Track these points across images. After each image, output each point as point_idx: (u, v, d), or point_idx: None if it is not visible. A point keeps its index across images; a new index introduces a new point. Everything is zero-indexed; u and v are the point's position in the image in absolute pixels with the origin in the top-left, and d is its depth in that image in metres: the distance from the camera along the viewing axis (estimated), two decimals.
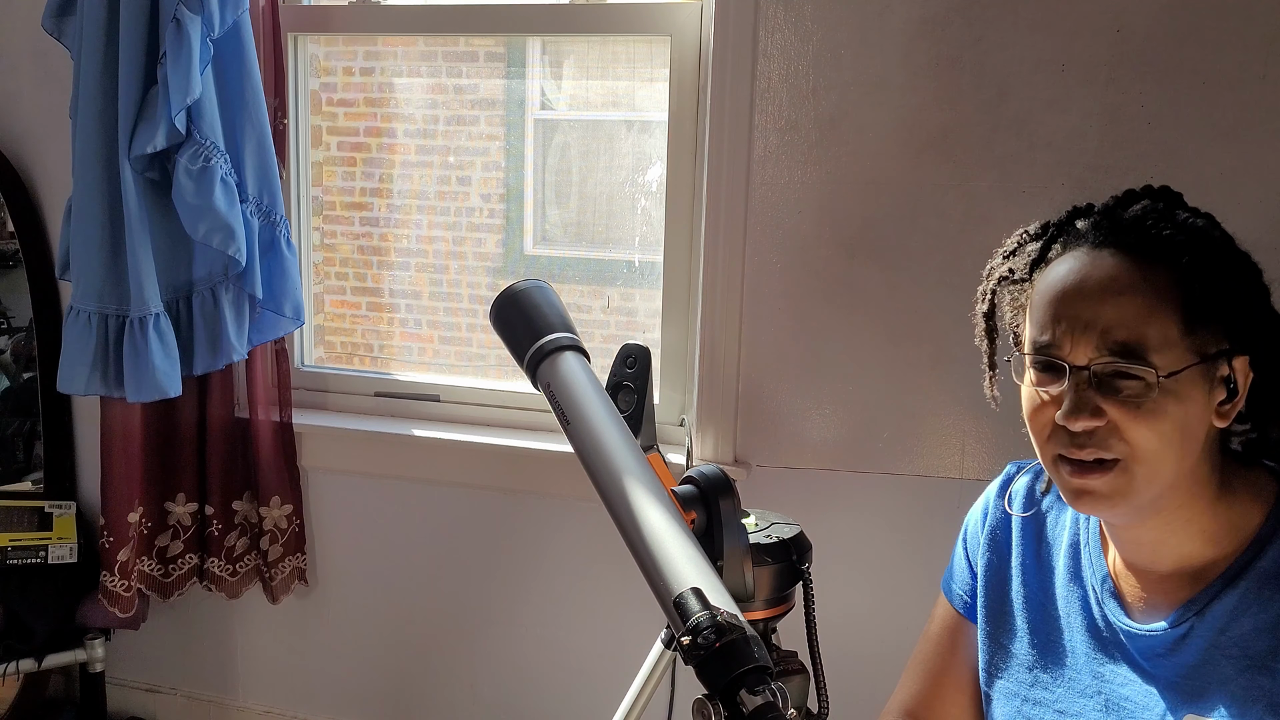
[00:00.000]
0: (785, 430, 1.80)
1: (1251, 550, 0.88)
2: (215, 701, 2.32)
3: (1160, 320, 0.85)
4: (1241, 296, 0.88)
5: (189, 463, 2.08)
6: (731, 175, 1.74)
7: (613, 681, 1.27)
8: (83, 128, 1.81)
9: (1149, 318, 0.84)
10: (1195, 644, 0.89)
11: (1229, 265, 0.89)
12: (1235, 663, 0.86)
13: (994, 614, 1.07)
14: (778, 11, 1.68)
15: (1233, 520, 0.90)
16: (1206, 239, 0.89)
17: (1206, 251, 0.87)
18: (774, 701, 0.65)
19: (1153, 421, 0.85)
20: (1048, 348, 0.88)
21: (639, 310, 2.10)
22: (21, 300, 2.19)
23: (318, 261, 2.21)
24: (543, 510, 2.01)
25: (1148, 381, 0.84)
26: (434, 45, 2.13)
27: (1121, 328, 0.85)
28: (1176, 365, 0.84)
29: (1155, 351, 0.84)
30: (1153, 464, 0.86)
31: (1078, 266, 0.89)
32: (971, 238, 1.67)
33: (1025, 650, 1.03)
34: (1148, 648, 0.92)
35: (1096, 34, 1.57)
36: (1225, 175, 1.56)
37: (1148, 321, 0.84)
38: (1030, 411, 0.92)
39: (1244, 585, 0.87)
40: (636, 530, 0.80)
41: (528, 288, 1.02)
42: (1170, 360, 0.84)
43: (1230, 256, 0.90)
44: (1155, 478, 0.86)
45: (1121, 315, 0.85)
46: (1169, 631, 0.90)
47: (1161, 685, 0.91)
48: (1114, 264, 0.87)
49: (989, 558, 1.08)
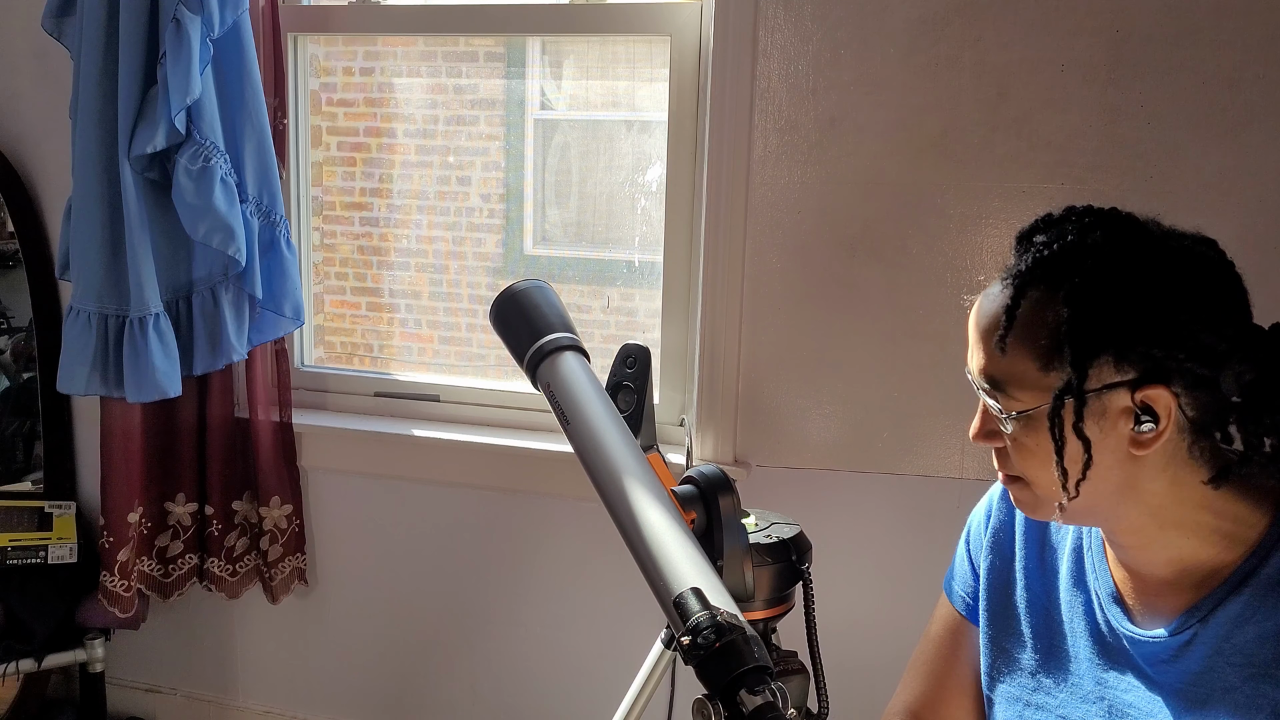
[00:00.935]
0: (785, 430, 1.80)
1: (1256, 557, 0.87)
2: (215, 701, 2.32)
3: (1020, 359, 0.86)
4: (1144, 326, 0.82)
5: (189, 463, 2.08)
6: (731, 175, 1.74)
7: (613, 681, 1.27)
8: (83, 128, 1.81)
9: (1009, 356, 0.86)
10: (1198, 651, 0.88)
11: (1123, 296, 0.83)
12: (1239, 671, 0.85)
13: (997, 618, 1.06)
14: (778, 11, 1.68)
15: (1236, 526, 0.89)
16: (1106, 273, 0.84)
17: (1098, 286, 0.83)
18: (774, 701, 0.65)
19: (1023, 450, 0.88)
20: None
21: (639, 310, 2.10)
22: (21, 300, 2.19)
23: (318, 261, 2.21)
24: (543, 510, 2.01)
25: (1003, 415, 0.88)
26: (434, 45, 2.13)
27: (988, 361, 0.88)
28: (1030, 405, 0.86)
29: (1013, 387, 0.87)
30: (1046, 486, 0.89)
31: (984, 292, 0.92)
32: (971, 238, 1.67)
33: (1028, 655, 1.03)
34: (1151, 654, 0.91)
35: (1096, 34, 1.57)
36: (1225, 175, 1.56)
37: (1005, 359, 0.86)
38: None
39: (1248, 592, 0.86)
40: (636, 530, 0.80)
41: (527, 288, 1.02)
42: (1026, 399, 0.86)
43: (1138, 284, 0.83)
44: (1057, 496, 0.88)
45: (987, 349, 0.88)
46: (1172, 638, 0.89)
47: (1165, 692, 0.91)
48: (999, 293, 0.88)
49: (992, 560, 1.07)
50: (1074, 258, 0.85)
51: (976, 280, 1.67)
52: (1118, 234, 0.87)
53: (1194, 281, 0.84)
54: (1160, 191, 1.58)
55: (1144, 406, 0.83)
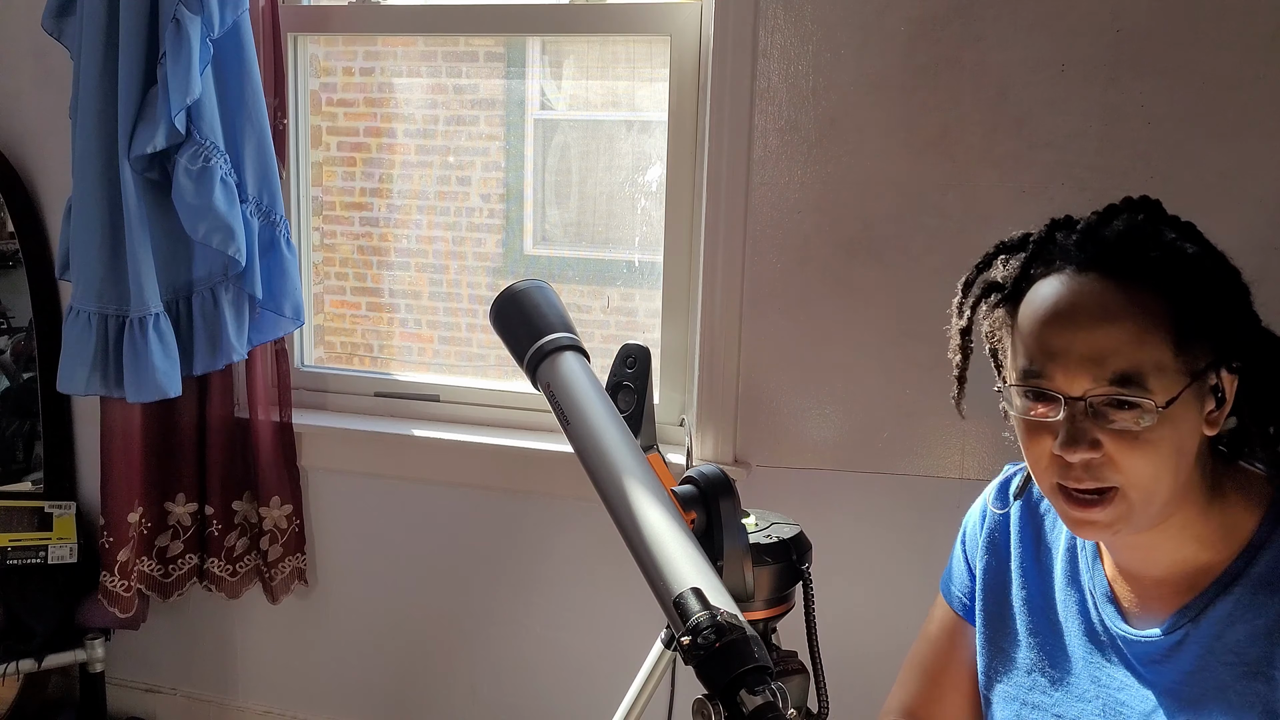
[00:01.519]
0: (785, 430, 1.80)
1: (1245, 556, 0.88)
2: (215, 701, 2.32)
3: (1153, 345, 0.83)
4: (1227, 309, 0.87)
5: (189, 463, 2.08)
6: (731, 175, 1.74)
7: (613, 681, 1.27)
8: (83, 128, 1.81)
9: (1142, 344, 0.83)
10: (1191, 650, 0.88)
11: (1214, 279, 0.87)
12: (1231, 669, 0.86)
13: (993, 617, 1.06)
14: (778, 11, 1.68)
15: (1226, 525, 0.89)
16: (1190, 255, 0.87)
17: (1192, 269, 0.86)
18: (774, 701, 0.65)
19: (1149, 450, 0.83)
20: (1038, 378, 0.86)
21: (639, 310, 2.10)
22: (21, 300, 2.19)
23: (318, 261, 2.21)
24: (542, 510, 2.01)
25: (1145, 409, 0.82)
26: (434, 45, 2.13)
27: (1117, 357, 0.83)
28: (1173, 390, 0.83)
29: (1152, 378, 0.82)
30: (1149, 489, 0.85)
31: (1065, 292, 0.86)
32: (971, 238, 1.67)
33: (1024, 654, 1.03)
34: (1144, 653, 0.92)
35: (1096, 34, 1.57)
36: (1225, 175, 1.56)
37: (1141, 348, 0.82)
38: (1025, 441, 0.90)
39: (1238, 591, 0.87)
40: (636, 530, 0.80)
41: (527, 288, 1.02)
42: (1166, 386, 0.83)
43: (1214, 269, 0.88)
44: (1152, 501, 0.86)
45: (1115, 343, 0.83)
46: (1164, 638, 0.90)
47: (1159, 691, 0.91)
48: (1102, 289, 0.85)
49: (988, 560, 1.07)
50: (1163, 246, 0.87)
51: None
52: (1173, 223, 0.91)
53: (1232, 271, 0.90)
54: (1160, 192, 1.56)
55: (1214, 387, 0.86)
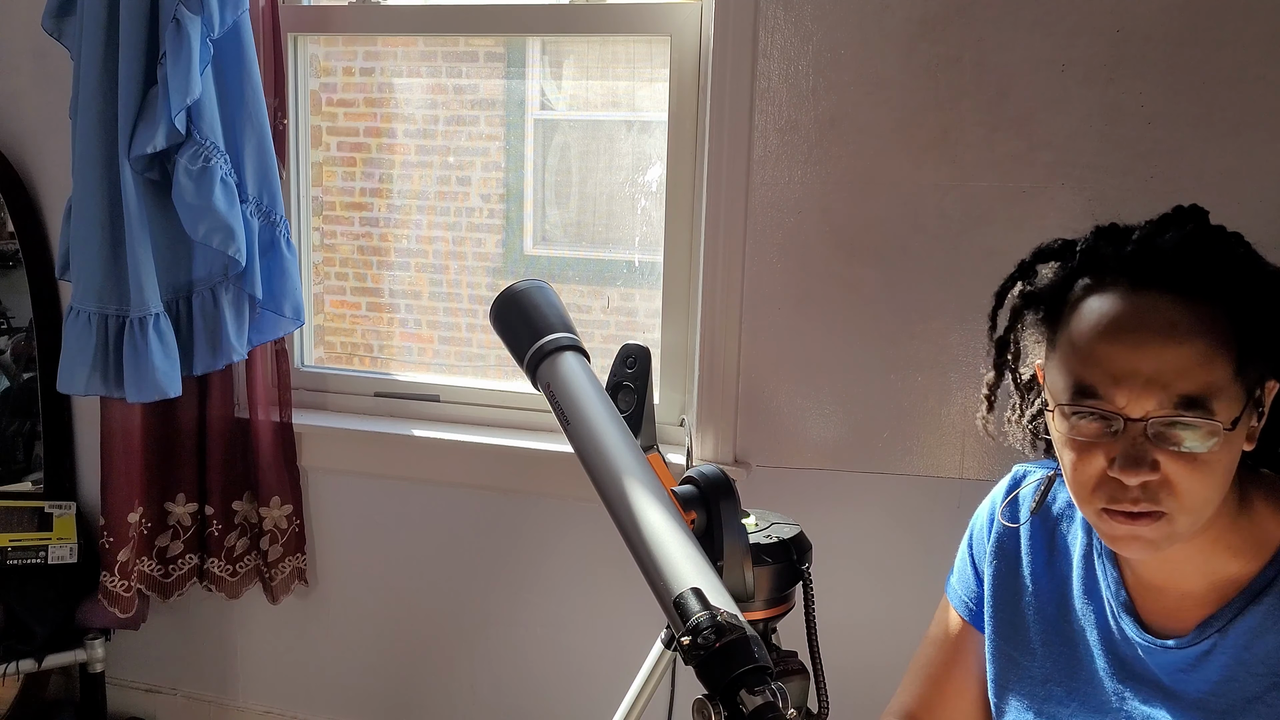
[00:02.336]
0: (785, 430, 1.80)
1: (1275, 565, 0.86)
2: (215, 701, 2.32)
3: (1219, 366, 0.80)
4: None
5: (189, 463, 2.08)
6: (731, 175, 1.74)
7: (613, 681, 1.27)
8: (83, 128, 1.81)
9: (1209, 365, 0.80)
10: (1218, 660, 0.87)
11: (1271, 292, 0.84)
12: (1261, 680, 0.85)
13: (1004, 626, 1.04)
14: (778, 11, 1.68)
15: (1254, 534, 0.88)
16: (1248, 268, 0.85)
17: (1252, 283, 0.83)
18: (774, 701, 0.65)
19: (1207, 472, 0.81)
20: (1096, 398, 0.83)
21: (639, 310, 2.10)
22: (21, 300, 2.19)
23: (318, 262, 2.21)
24: (542, 510, 2.01)
25: (1208, 431, 0.80)
26: (434, 45, 2.13)
27: (1185, 379, 0.80)
28: (1235, 411, 0.81)
29: (1216, 400, 0.80)
30: (1200, 511, 0.83)
31: (1125, 310, 0.83)
32: (971, 238, 1.67)
33: (1039, 664, 1.01)
34: (1169, 663, 0.90)
35: (1096, 34, 1.57)
36: (1225, 175, 1.56)
37: (1208, 370, 0.80)
38: (1072, 461, 0.86)
39: (1268, 601, 0.86)
40: (636, 530, 0.80)
41: (527, 288, 1.02)
42: (1229, 406, 0.80)
43: (1268, 281, 0.86)
44: (1198, 521, 0.84)
45: (1184, 364, 0.80)
46: (1191, 648, 0.88)
47: (1185, 703, 0.89)
48: (1164, 306, 0.81)
49: (997, 566, 1.05)
50: (1223, 260, 0.85)
51: (977, 280, 1.67)
52: (1226, 234, 0.88)
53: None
54: (1160, 191, 1.58)
55: (1258, 399, 0.85)
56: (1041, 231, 1.56)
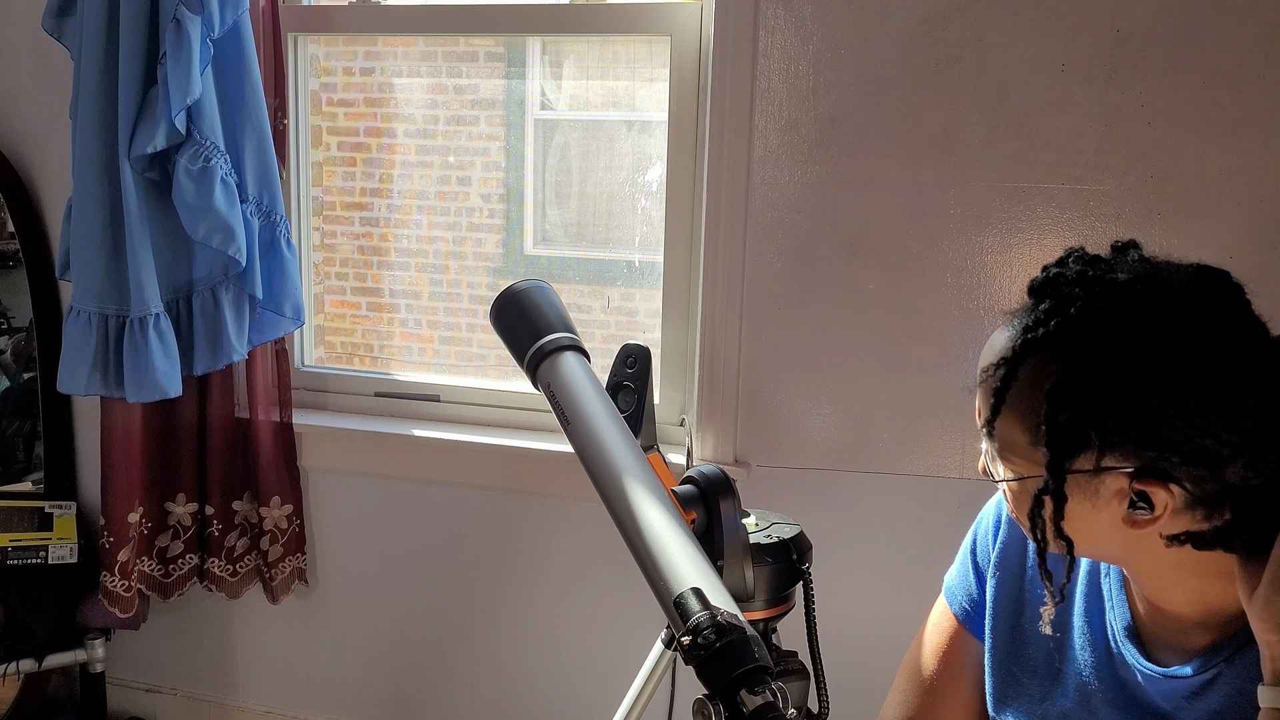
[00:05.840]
0: (785, 430, 1.80)
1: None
2: (215, 701, 2.32)
3: (1008, 425, 0.84)
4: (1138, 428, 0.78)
5: (189, 463, 2.08)
6: (731, 175, 1.74)
7: (613, 681, 1.27)
8: (83, 128, 1.81)
9: (1000, 419, 0.84)
10: (1221, 690, 0.86)
11: (1116, 395, 0.78)
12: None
13: (1004, 640, 1.03)
14: (778, 11, 1.68)
15: (1263, 570, 0.85)
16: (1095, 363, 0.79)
17: (1089, 363, 0.79)
18: (774, 701, 0.65)
19: (1014, 503, 0.88)
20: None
21: (639, 310, 2.10)
22: (21, 300, 2.19)
23: (318, 261, 2.21)
24: (543, 510, 2.01)
25: (993, 469, 0.88)
26: (434, 45, 2.13)
27: (981, 415, 0.87)
28: (1020, 472, 0.84)
29: (1006, 451, 0.85)
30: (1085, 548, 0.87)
31: (989, 340, 0.89)
32: (971, 238, 1.67)
33: (1038, 682, 1.00)
34: (1171, 691, 0.89)
35: (1096, 34, 1.57)
36: (1225, 175, 1.55)
37: (997, 421, 0.85)
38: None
39: None
40: (637, 530, 0.80)
41: (528, 288, 1.02)
42: (1016, 465, 0.85)
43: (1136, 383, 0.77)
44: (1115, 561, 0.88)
45: (983, 404, 0.87)
46: (1194, 677, 0.87)
47: None
48: (1000, 347, 0.86)
49: (1000, 577, 1.04)
50: (1075, 339, 0.80)
51: (977, 280, 1.67)
52: (1121, 314, 0.80)
53: (1197, 375, 0.77)
54: (1160, 191, 1.58)
55: (1140, 494, 0.80)
56: (1042, 231, 1.56)
